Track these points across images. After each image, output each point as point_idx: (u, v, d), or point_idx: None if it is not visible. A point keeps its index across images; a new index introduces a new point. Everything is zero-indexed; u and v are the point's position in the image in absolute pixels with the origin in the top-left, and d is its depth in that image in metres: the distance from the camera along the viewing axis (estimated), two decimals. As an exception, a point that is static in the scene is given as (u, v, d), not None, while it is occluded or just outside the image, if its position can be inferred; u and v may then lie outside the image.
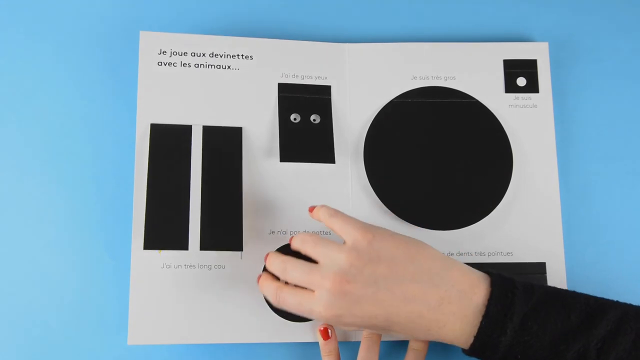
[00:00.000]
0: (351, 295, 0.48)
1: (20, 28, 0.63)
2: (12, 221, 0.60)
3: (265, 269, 0.55)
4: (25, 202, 0.60)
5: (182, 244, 0.56)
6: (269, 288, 0.53)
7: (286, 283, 0.52)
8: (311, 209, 0.55)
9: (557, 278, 0.59)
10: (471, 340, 0.48)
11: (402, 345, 0.58)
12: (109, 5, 0.64)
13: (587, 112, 0.64)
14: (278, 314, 0.57)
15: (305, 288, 0.51)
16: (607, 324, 0.47)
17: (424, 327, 0.48)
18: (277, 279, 0.53)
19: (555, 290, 0.50)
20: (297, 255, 0.52)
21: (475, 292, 0.48)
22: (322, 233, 0.59)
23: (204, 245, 0.56)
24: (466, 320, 0.48)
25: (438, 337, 0.49)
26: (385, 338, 0.58)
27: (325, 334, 0.56)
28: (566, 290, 0.50)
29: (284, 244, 0.58)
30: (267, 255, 0.54)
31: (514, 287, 0.48)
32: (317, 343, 0.57)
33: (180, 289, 0.57)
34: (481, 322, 0.47)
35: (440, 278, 0.49)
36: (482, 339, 0.47)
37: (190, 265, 0.57)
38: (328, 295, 0.48)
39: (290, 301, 0.51)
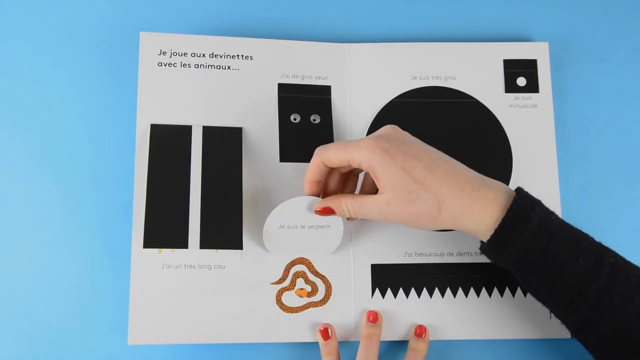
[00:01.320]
0: (400, 137, 0.50)
1: (20, 29, 0.64)
2: (12, 222, 0.60)
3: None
4: (25, 202, 0.60)
5: (182, 243, 0.56)
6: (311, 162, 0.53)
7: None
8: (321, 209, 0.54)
9: (557, 278, 0.59)
10: (503, 213, 0.47)
11: (402, 345, 0.58)
12: (109, 6, 0.64)
13: (587, 112, 0.64)
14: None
15: None
16: (614, 253, 0.49)
17: (459, 185, 0.48)
18: None
19: None
20: None
21: (504, 188, 0.49)
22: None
23: (204, 244, 0.56)
24: (499, 194, 0.48)
25: (469, 205, 0.48)
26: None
27: (325, 333, 0.56)
28: None
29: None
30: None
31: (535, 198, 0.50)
32: (317, 343, 0.57)
33: (180, 289, 0.57)
34: (514, 197, 0.48)
35: (474, 170, 0.51)
36: (515, 210, 0.47)
37: (190, 266, 0.57)
38: (377, 135, 0.50)
39: (334, 145, 0.51)
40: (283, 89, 0.62)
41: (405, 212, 0.49)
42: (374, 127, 0.62)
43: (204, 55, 0.61)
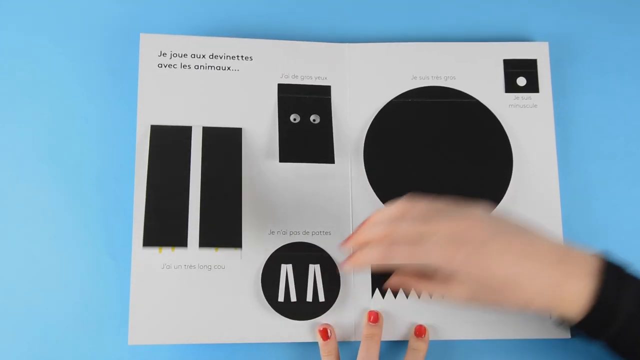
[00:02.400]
0: (478, 237, 0.46)
1: (21, 31, 0.64)
2: (13, 223, 0.60)
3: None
4: (25, 202, 0.60)
5: (181, 241, 0.56)
6: (374, 250, 0.49)
7: None
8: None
9: (557, 278, 0.59)
10: (592, 301, 0.45)
11: (403, 345, 0.58)
12: (109, 7, 0.65)
13: (587, 111, 0.64)
14: (282, 314, 0.57)
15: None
16: None
17: (542, 283, 0.46)
18: None
19: None
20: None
21: (589, 261, 0.47)
22: (320, 233, 0.59)
23: (203, 243, 0.57)
24: (586, 280, 0.45)
25: (554, 298, 0.46)
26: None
27: (324, 334, 0.56)
28: None
29: (283, 244, 0.59)
30: (364, 223, 0.51)
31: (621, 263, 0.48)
32: (317, 343, 0.57)
33: (180, 289, 0.57)
34: (603, 277, 0.45)
35: (557, 244, 0.48)
36: (605, 293, 0.45)
37: (190, 266, 0.57)
38: (452, 234, 0.46)
39: (402, 249, 0.48)
40: (283, 89, 0.62)
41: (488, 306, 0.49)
42: (374, 127, 0.62)
43: (203, 56, 0.61)
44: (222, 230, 0.57)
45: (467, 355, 0.59)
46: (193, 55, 0.61)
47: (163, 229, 0.56)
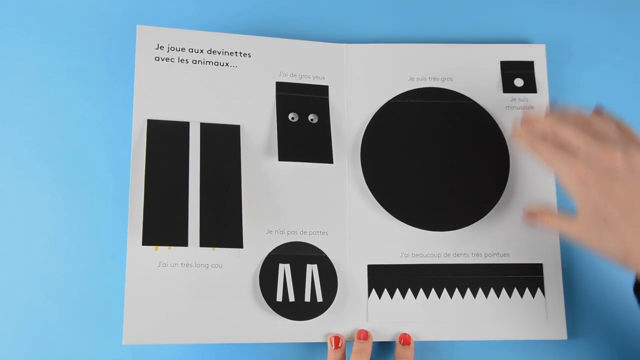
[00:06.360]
0: (614, 171, 0.45)
1: (17, 22, 0.62)
2: (7, 218, 0.59)
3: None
4: (20, 199, 0.59)
5: (182, 240, 0.55)
6: (530, 135, 0.50)
7: None
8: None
9: (553, 279, 0.59)
10: None
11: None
12: (106, -2, 0.64)
13: (584, 113, 0.65)
14: (281, 314, 0.56)
15: None
16: None
17: None
18: None
19: None
20: None
21: None
22: (318, 233, 0.59)
23: (204, 242, 0.55)
24: None
25: None
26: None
27: (336, 342, 0.56)
28: None
29: (281, 243, 0.58)
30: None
31: None
32: (314, 344, 0.57)
33: (176, 288, 0.56)
34: None
35: None
36: None
37: (187, 264, 0.56)
38: (591, 158, 0.46)
39: (547, 149, 0.48)
40: (281, 87, 0.61)
41: (591, 246, 0.47)
42: (372, 127, 0.61)
43: (202, 51, 0.61)
44: (223, 229, 0.56)
45: (464, 357, 0.59)
46: (191, 50, 0.60)
47: (163, 227, 0.55)
